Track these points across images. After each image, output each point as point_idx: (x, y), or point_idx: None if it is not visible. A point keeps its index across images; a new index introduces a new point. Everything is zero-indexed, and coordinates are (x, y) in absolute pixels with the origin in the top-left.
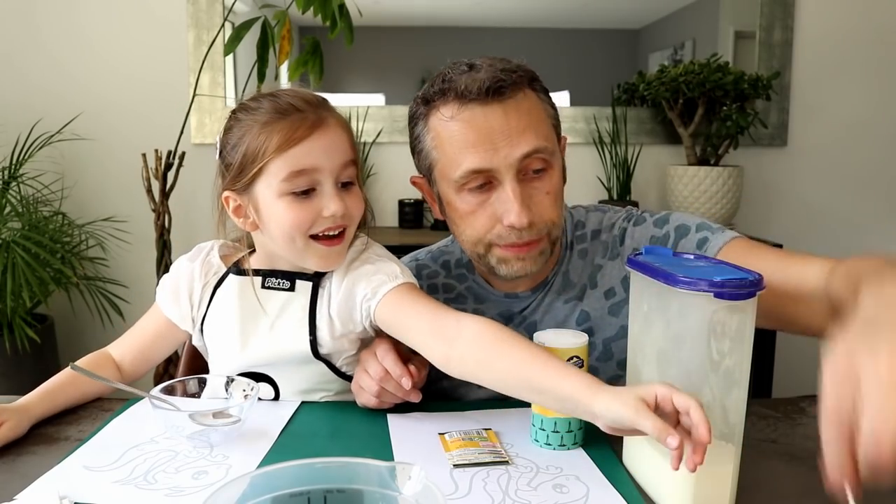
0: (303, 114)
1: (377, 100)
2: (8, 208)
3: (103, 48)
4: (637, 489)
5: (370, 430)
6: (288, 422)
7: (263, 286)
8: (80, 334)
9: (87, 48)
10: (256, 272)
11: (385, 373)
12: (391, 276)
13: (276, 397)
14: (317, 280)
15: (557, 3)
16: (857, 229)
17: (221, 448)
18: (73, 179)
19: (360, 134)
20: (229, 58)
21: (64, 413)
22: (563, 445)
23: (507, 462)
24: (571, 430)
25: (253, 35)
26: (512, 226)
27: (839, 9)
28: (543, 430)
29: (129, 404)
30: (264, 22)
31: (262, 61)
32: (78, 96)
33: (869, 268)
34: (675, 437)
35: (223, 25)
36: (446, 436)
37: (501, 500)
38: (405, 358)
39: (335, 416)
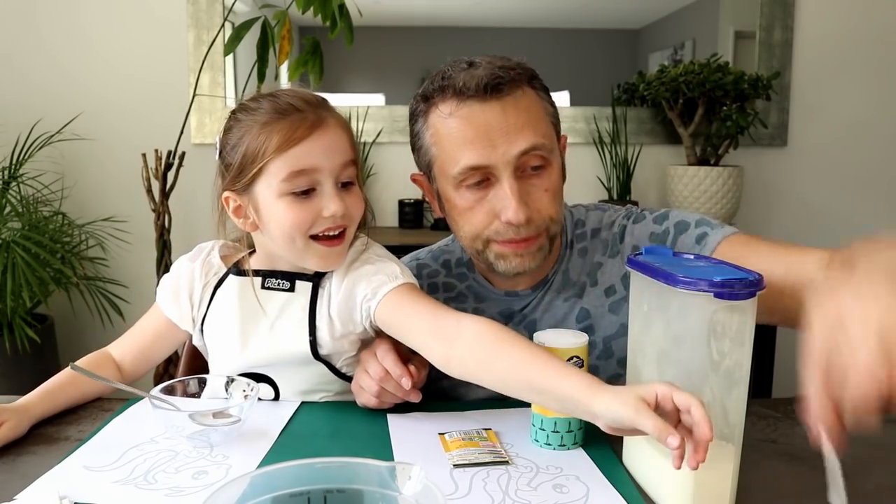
0: (302, 114)
1: (377, 100)
2: (8, 208)
3: (103, 48)
4: (637, 489)
5: (370, 430)
6: (288, 422)
7: (263, 287)
8: (80, 334)
9: (87, 48)
10: (256, 272)
11: (385, 373)
12: (391, 276)
13: (276, 398)
14: (317, 280)
15: (557, 3)
16: (857, 229)
17: (221, 448)
18: (73, 179)
19: (360, 134)
20: (229, 58)
21: (64, 413)
22: (563, 445)
23: (507, 462)
24: (571, 430)
25: (253, 35)
26: (509, 222)
27: (839, 9)
28: (543, 430)
29: (129, 404)
30: (264, 22)
31: (262, 61)
32: (78, 96)
33: (866, 246)
34: (676, 437)
35: (223, 25)
36: (446, 436)
37: (501, 500)
38: (405, 358)
39: (335, 416)
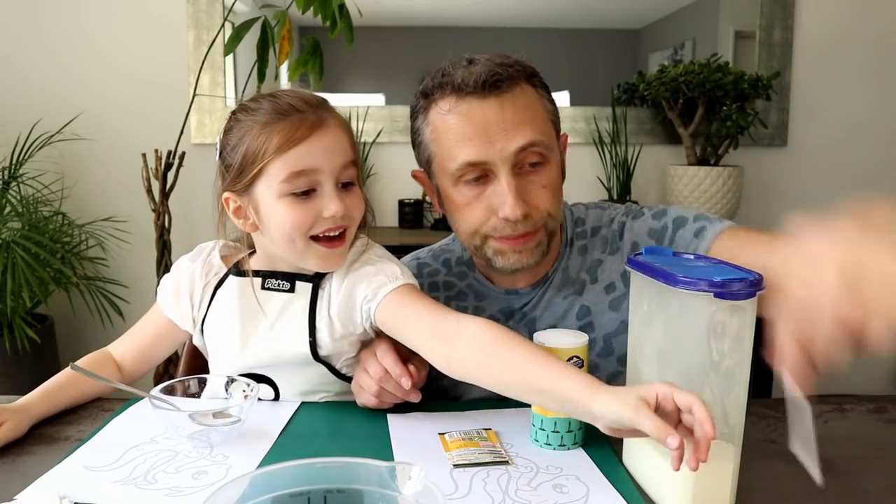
0: (303, 114)
1: (377, 100)
2: (8, 208)
3: (103, 48)
4: (637, 489)
5: (370, 430)
6: (288, 422)
7: (263, 287)
8: (80, 334)
9: (88, 48)
10: (256, 273)
11: (385, 372)
12: (391, 277)
13: (276, 398)
14: (317, 281)
15: (557, 3)
16: None
17: (221, 448)
18: (73, 179)
19: (360, 134)
20: (229, 58)
21: (64, 413)
22: (563, 445)
23: (507, 462)
24: (571, 430)
25: (253, 35)
26: (507, 218)
27: (839, 9)
28: (543, 430)
29: (129, 404)
30: (264, 22)
31: (262, 61)
32: (78, 96)
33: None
34: (676, 438)
35: (223, 25)
36: (446, 436)
37: (501, 500)
38: (405, 358)
39: (335, 416)
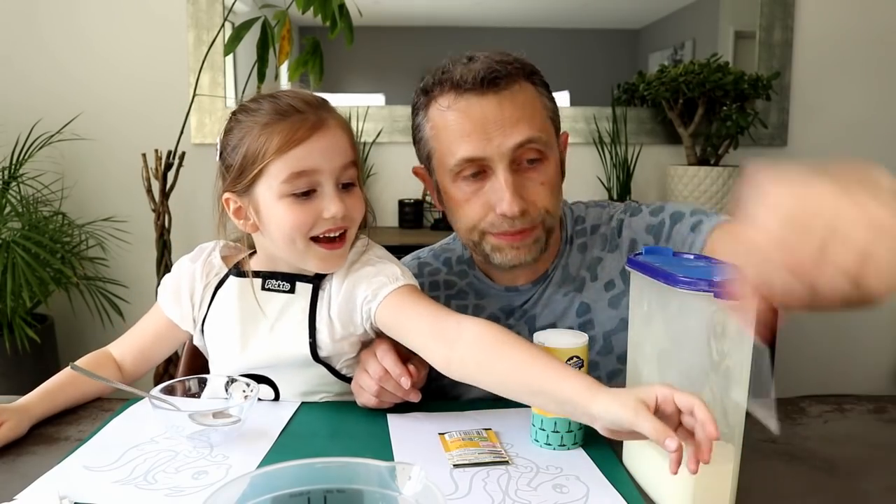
0: (303, 115)
1: (377, 100)
2: (8, 208)
3: (103, 48)
4: (637, 489)
5: (370, 430)
6: (288, 422)
7: (264, 288)
8: (80, 334)
9: (88, 48)
10: (257, 274)
11: (384, 372)
12: (392, 277)
13: (276, 398)
14: (317, 282)
15: (557, 3)
16: None
17: (221, 448)
18: (73, 179)
19: (360, 134)
20: (229, 58)
21: (64, 413)
22: (563, 445)
23: (507, 462)
24: (571, 430)
25: (253, 35)
26: (504, 214)
27: (839, 9)
28: (543, 430)
29: (129, 404)
30: (264, 22)
31: (262, 61)
32: (78, 96)
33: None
34: (674, 440)
35: (223, 25)
36: (446, 436)
37: (501, 500)
38: (404, 357)
39: (335, 416)
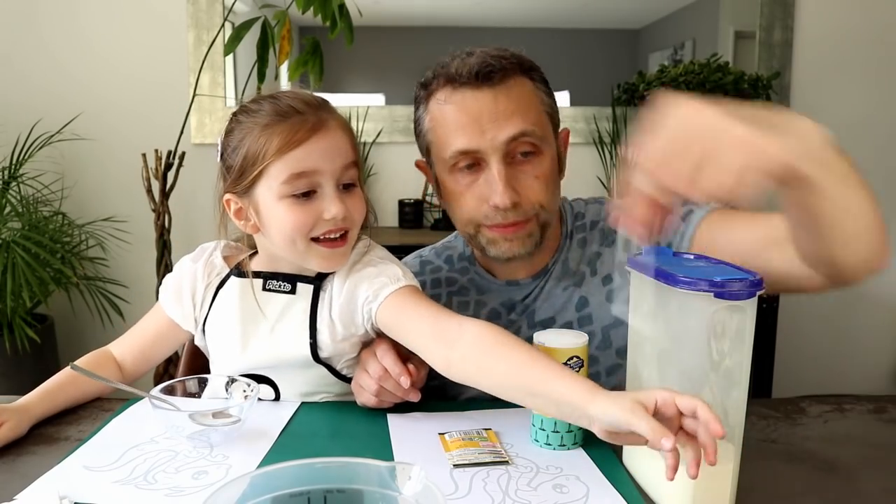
0: (303, 116)
1: (377, 100)
2: (8, 208)
3: (103, 48)
4: (637, 489)
5: (370, 430)
6: (288, 422)
7: (265, 288)
8: (80, 334)
9: (88, 48)
10: (258, 274)
11: (384, 372)
12: (393, 278)
13: (277, 398)
14: (318, 283)
15: (557, 3)
16: None
17: (221, 448)
18: (73, 179)
19: (360, 134)
20: (229, 58)
21: (64, 413)
22: (563, 445)
23: (507, 462)
24: (571, 431)
25: (253, 35)
26: (496, 206)
27: (839, 9)
28: (543, 430)
29: (129, 404)
30: (264, 22)
31: (262, 61)
32: (78, 96)
33: None
34: (670, 439)
35: (223, 25)
36: (446, 436)
37: (501, 500)
38: (404, 357)
39: (335, 416)
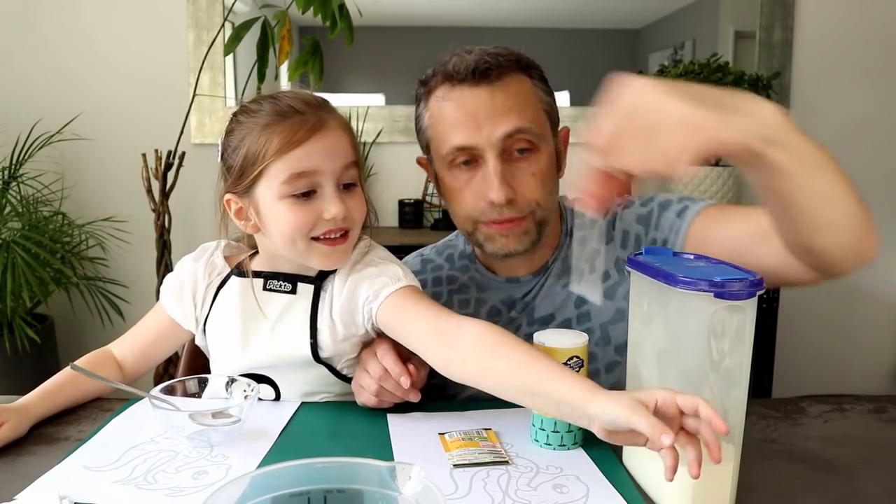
0: (303, 116)
1: (377, 100)
2: (8, 208)
3: (104, 48)
4: (637, 489)
5: (370, 430)
6: (288, 422)
7: (266, 288)
8: (80, 334)
9: (88, 48)
10: (259, 274)
11: (384, 372)
12: (394, 278)
13: (277, 398)
14: (319, 283)
15: (557, 3)
16: None
17: (221, 448)
18: (73, 179)
19: (360, 134)
20: (229, 58)
21: (64, 413)
22: (563, 445)
23: (507, 462)
24: (571, 431)
25: (253, 35)
26: (491, 202)
27: (839, 9)
28: (543, 430)
29: (129, 404)
30: (264, 22)
31: (262, 61)
32: (78, 96)
33: None
34: (669, 436)
35: (223, 25)
36: (446, 436)
37: (501, 500)
38: (405, 357)
39: (335, 416)
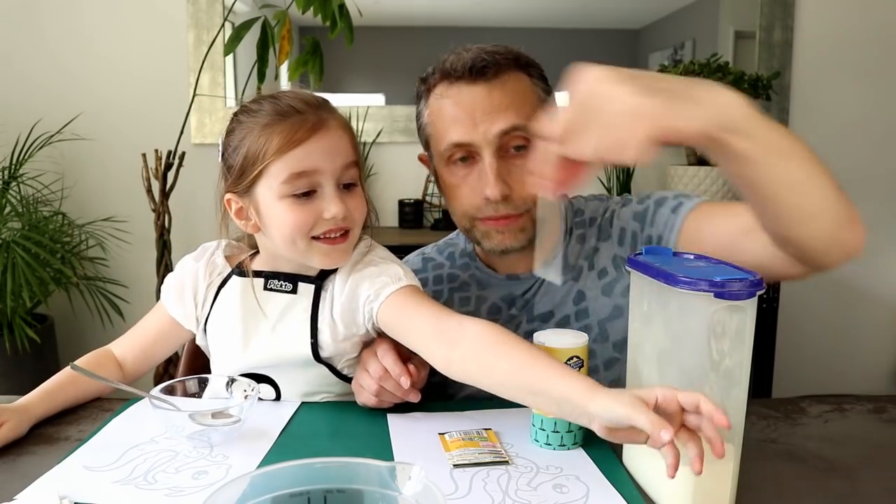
0: (303, 115)
1: (377, 100)
2: (8, 208)
3: (104, 48)
4: (637, 489)
5: (370, 430)
6: (288, 422)
7: (266, 288)
8: (80, 334)
9: (88, 48)
10: (259, 274)
11: (384, 372)
12: (394, 278)
13: (278, 398)
14: (319, 283)
15: (557, 3)
16: None
17: (221, 448)
18: (73, 179)
19: (360, 134)
20: (229, 58)
21: (64, 413)
22: (563, 445)
23: (507, 462)
24: (571, 430)
25: (253, 35)
26: (487, 198)
27: (839, 9)
28: (543, 430)
29: (129, 404)
30: (264, 22)
31: (262, 61)
32: (78, 96)
33: None
34: (669, 431)
35: (223, 25)
36: (446, 436)
37: (501, 500)
38: (405, 357)
39: (335, 416)
